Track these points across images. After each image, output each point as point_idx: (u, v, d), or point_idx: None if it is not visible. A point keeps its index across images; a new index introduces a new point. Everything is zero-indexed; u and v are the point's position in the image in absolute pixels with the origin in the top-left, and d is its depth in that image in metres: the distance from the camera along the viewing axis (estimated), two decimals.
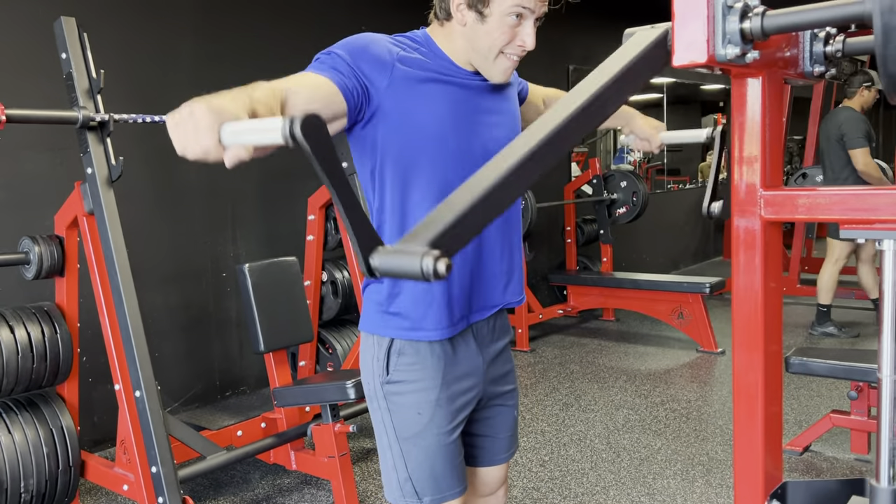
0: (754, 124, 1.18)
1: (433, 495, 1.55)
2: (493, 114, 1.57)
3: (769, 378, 1.23)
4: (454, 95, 1.49)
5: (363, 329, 1.59)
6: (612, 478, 3.07)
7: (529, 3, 1.43)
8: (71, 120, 2.53)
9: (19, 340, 2.63)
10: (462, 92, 1.50)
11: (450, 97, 1.48)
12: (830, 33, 1.20)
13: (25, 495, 2.61)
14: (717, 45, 1.03)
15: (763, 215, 1.19)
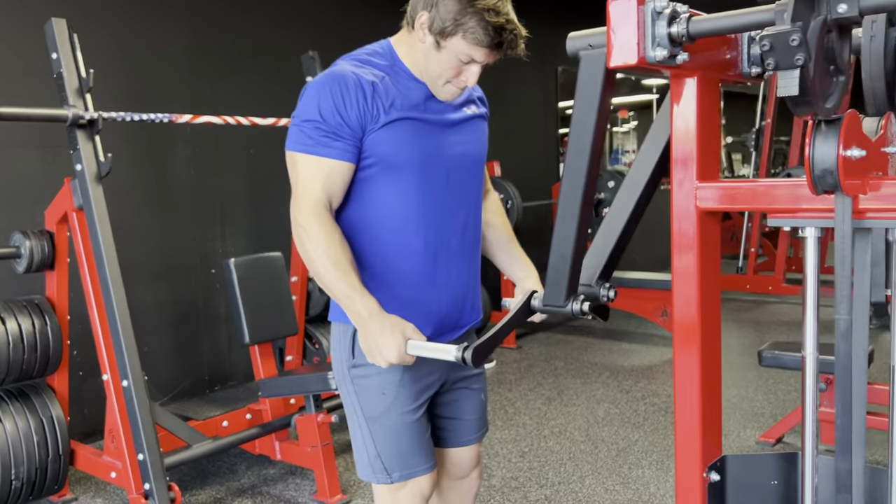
0: (690, 121, 1.27)
1: (401, 471, 1.64)
2: (456, 130, 1.65)
3: (706, 354, 1.33)
4: (417, 116, 1.57)
5: (332, 319, 1.68)
6: (589, 468, 3.16)
7: (478, 58, 1.52)
8: (61, 118, 2.61)
9: (10, 332, 2.71)
10: (425, 112, 1.59)
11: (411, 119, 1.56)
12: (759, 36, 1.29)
13: (16, 482, 2.69)
14: (648, 48, 1.12)
15: (699, 205, 1.28)
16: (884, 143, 1.22)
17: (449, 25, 1.49)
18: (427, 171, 1.58)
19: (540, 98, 6.73)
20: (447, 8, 1.48)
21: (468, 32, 1.48)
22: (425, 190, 1.58)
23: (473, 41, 1.49)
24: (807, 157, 1.06)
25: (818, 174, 1.06)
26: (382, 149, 1.53)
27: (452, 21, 1.48)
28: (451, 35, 1.50)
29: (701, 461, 1.34)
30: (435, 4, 1.50)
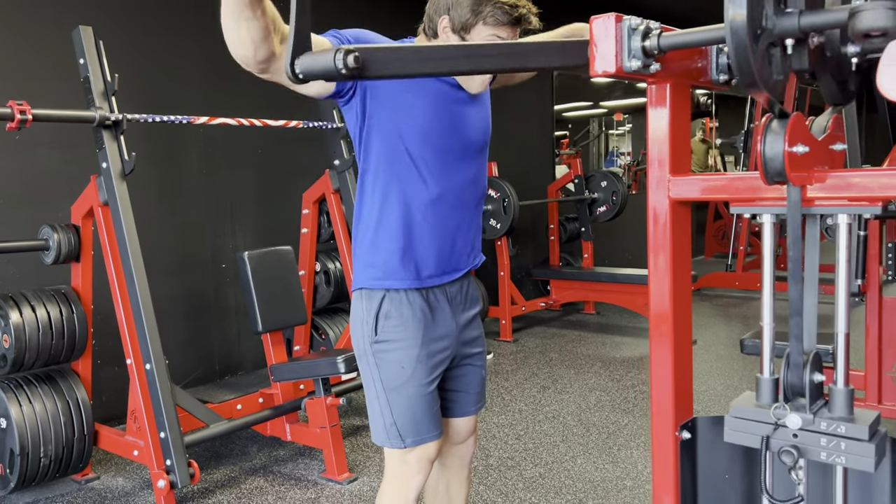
0: (664, 122, 1.46)
1: (414, 437, 1.82)
2: (471, 110, 1.85)
3: (678, 329, 1.51)
4: (440, 89, 1.77)
5: (355, 285, 1.86)
6: (581, 449, 3.35)
7: (503, 34, 1.72)
8: (88, 119, 2.80)
9: (40, 319, 2.90)
10: (446, 88, 1.78)
11: (435, 90, 1.76)
12: None
13: (45, 460, 2.87)
14: (624, 59, 1.31)
15: (671, 196, 1.47)
16: (831, 140, 1.41)
17: (469, 18, 1.69)
18: (445, 131, 1.77)
19: (535, 101, 6.92)
20: (463, 4, 1.69)
21: (488, 17, 1.68)
22: (443, 149, 1.77)
23: (494, 23, 1.69)
24: (758, 152, 1.25)
25: (768, 167, 1.25)
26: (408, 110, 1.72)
27: (471, 13, 1.69)
28: (473, 26, 1.70)
29: (673, 421, 1.53)
30: (451, 6, 1.70)
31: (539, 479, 3.04)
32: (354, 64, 1.08)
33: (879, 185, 1.25)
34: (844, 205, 1.31)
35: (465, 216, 1.88)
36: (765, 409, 1.36)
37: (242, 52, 1.48)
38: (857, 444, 1.28)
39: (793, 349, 1.37)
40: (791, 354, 1.37)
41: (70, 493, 3.06)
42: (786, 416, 1.33)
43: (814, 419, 1.32)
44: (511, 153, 6.33)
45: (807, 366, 1.35)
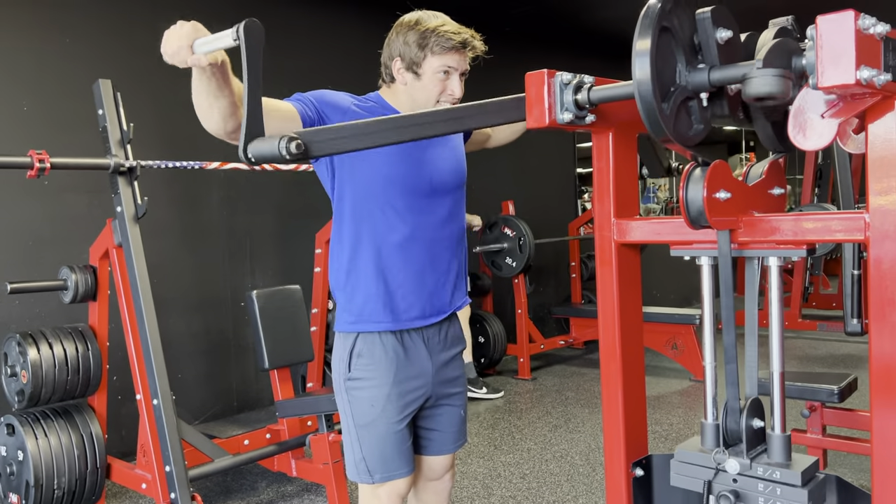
0: (607, 168, 1.53)
1: (382, 473, 1.88)
2: (439, 149, 1.94)
3: (627, 368, 1.56)
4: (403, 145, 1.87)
5: (336, 328, 1.95)
6: (584, 488, 3.35)
7: (452, 63, 1.83)
8: (104, 166, 2.97)
9: (56, 356, 3.05)
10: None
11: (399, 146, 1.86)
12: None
13: (58, 492, 2.99)
14: (557, 112, 1.38)
15: (615, 238, 1.53)
16: (768, 185, 1.46)
17: (417, 53, 1.82)
18: (411, 173, 1.86)
19: (555, 138, 7.01)
20: (410, 43, 1.82)
21: (434, 46, 1.81)
22: (411, 189, 1.86)
23: (441, 51, 1.80)
24: (681, 198, 1.30)
25: (690, 212, 1.30)
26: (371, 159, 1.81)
27: (418, 47, 1.81)
28: (423, 59, 1.82)
29: (625, 459, 1.56)
30: (400, 49, 1.83)
31: None
32: (297, 150, 1.19)
33: (803, 229, 1.29)
34: (773, 248, 1.35)
35: (441, 257, 1.95)
36: (707, 453, 1.40)
37: (213, 125, 1.60)
38: (792, 489, 1.31)
39: (729, 395, 1.40)
40: (728, 401, 1.40)
41: None
42: (725, 461, 1.36)
43: (751, 465, 1.35)
44: (530, 191, 6.41)
45: (743, 412, 1.39)
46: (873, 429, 1.23)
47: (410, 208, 1.88)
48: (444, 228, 1.95)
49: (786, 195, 1.49)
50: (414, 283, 1.90)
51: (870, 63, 1.07)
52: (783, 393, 1.38)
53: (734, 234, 1.37)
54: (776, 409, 1.37)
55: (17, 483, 3.01)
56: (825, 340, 6.39)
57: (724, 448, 1.38)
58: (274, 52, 4.76)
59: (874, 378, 1.20)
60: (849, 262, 2.87)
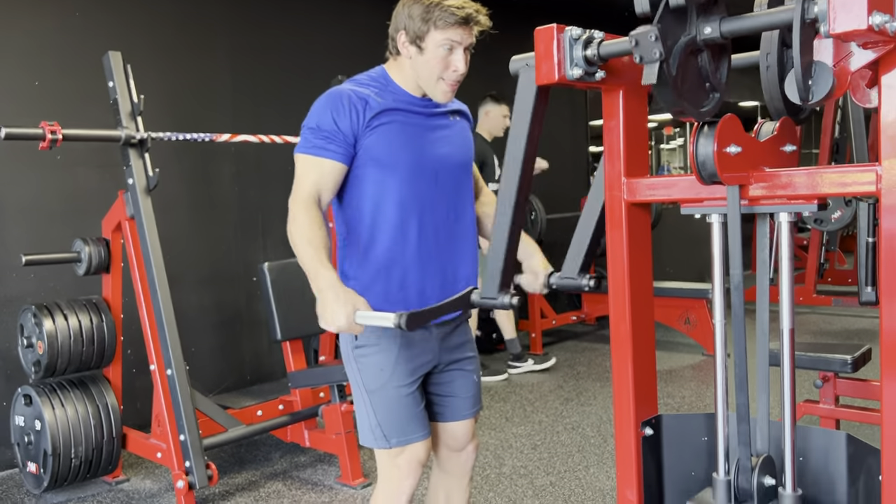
0: (617, 126, 1.52)
1: (399, 437, 1.89)
2: (443, 139, 1.93)
3: (637, 327, 1.56)
4: (408, 128, 1.86)
5: None
6: (595, 458, 3.36)
7: (456, 38, 1.81)
8: (115, 138, 2.98)
9: (72, 327, 3.08)
10: (416, 124, 1.88)
11: (404, 130, 1.85)
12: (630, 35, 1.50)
13: (75, 461, 3.04)
14: (567, 68, 1.37)
15: (625, 198, 1.52)
16: (779, 142, 1.44)
17: (421, 26, 1.79)
18: (416, 167, 1.85)
19: (569, 114, 6.96)
20: (414, 16, 1.80)
21: (438, 20, 1.78)
22: (415, 184, 1.85)
23: (444, 25, 1.78)
24: (691, 153, 1.29)
25: (701, 167, 1.29)
26: (376, 150, 1.81)
27: (422, 21, 1.79)
28: (426, 33, 1.80)
29: (635, 418, 1.57)
30: (405, 22, 1.81)
31: (549, 488, 3.07)
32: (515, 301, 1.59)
33: (814, 182, 1.28)
34: (784, 203, 1.34)
35: (452, 249, 1.94)
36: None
37: None
38: None
39: (741, 454, 1.39)
40: (739, 459, 1.39)
41: (100, 493, 3.21)
42: None
43: None
44: None
45: (755, 470, 1.37)
46: (883, 397, 1.22)
47: (416, 198, 1.86)
48: (453, 221, 1.93)
49: (798, 152, 1.47)
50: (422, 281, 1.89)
51: (882, 9, 1.05)
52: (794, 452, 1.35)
53: (745, 190, 1.35)
54: (787, 467, 1.34)
55: (35, 452, 3.06)
56: (840, 315, 6.35)
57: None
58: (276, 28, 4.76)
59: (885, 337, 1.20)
60: (863, 230, 2.84)
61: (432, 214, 1.89)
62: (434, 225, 1.89)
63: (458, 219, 1.96)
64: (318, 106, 1.83)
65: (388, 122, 1.83)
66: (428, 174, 1.88)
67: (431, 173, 1.89)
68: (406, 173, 1.84)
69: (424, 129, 1.90)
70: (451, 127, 1.96)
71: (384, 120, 1.83)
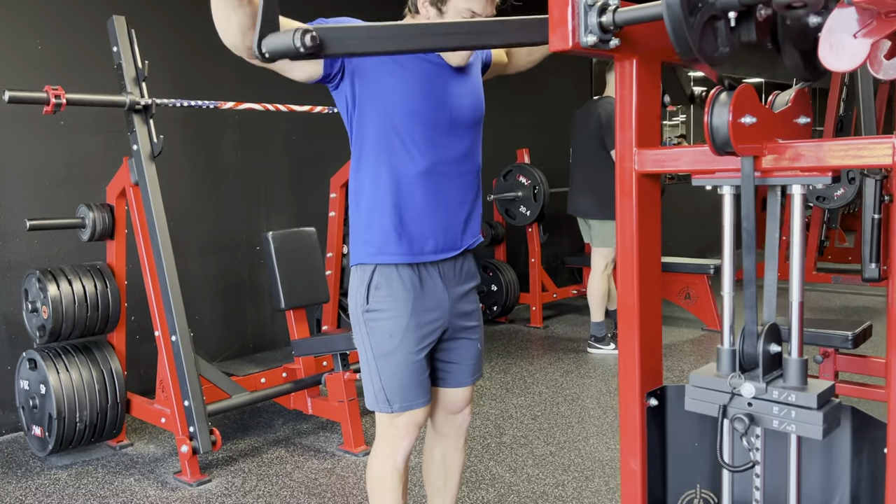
0: (630, 96, 1.51)
1: (401, 402, 1.91)
2: (459, 86, 1.92)
3: (644, 299, 1.56)
4: (424, 70, 1.84)
5: (351, 262, 1.96)
6: (595, 430, 3.39)
7: (477, 8, 1.78)
8: (119, 103, 2.96)
9: (76, 293, 3.09)
10: (431, 67, 1.86)
11: (420, 71, 1.84)
12: None
13: (80, 425, 3.06)
14: (581, 35, 1.36)
15: (637, 168, 1.51)
16: (794, 114, 1.43)
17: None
18: (432, 108, 1.83)
19: (573, 89, 6.91)
20: None
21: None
22: (431, 124, 1.84)
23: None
24: (706, 122, 1.28)
25: (715, 137, 1.28)
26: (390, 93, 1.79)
27: None
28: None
29: (640, 388, 1.57)
30: None
31: (549, 457, 3.10)
32: (311, 43, 1.17)
33: (829, 154, 1.27)
34: (797, 175, 1.34)
35: (458, 192, 1.94)
36: (723, 378, 1.40)
37: (231, 39, 1.58)
38: (807, 412, 1.31)
39: (748, 319, 1.40)
40: (746, 325, 1.40)
41: (105, 457, 3.24)
42: (741, 386, 1.36)
43: (767, 388, 1.36)
44: (546, 140, 6.34)
45: (761, 336, 1.38)
46: (889, 373, 1.22)
47: (429, 142, 1.86)
48: (462, 165, 1.94)
49: (811, 124, 1.46)
50: (429, 216, 1.89)
51: None
52: (801, 320, 1.37)
53: (758, 162, 1.35)
54: (794, 335, 1.36)
55: (39, 416, 3.08)
56: (839, 293, 6.36)
57: (740, 373, 1.38)
58: None
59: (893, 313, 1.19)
60: (869, 207, 2.83)
61: (446, 153, 1.88)
62: (447, 163, 1.89)
63: (469, 157, 1.95)
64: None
65: (403, 65, 1.81)
66: (443, 114, 1.87)
67: (446, 113, 1.87)
68: (421, 124, 1.83)
69: (443, 82, 1.87)
70: (467, 78, 1.94)
71: (399, 62, 1.81)
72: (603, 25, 1.35)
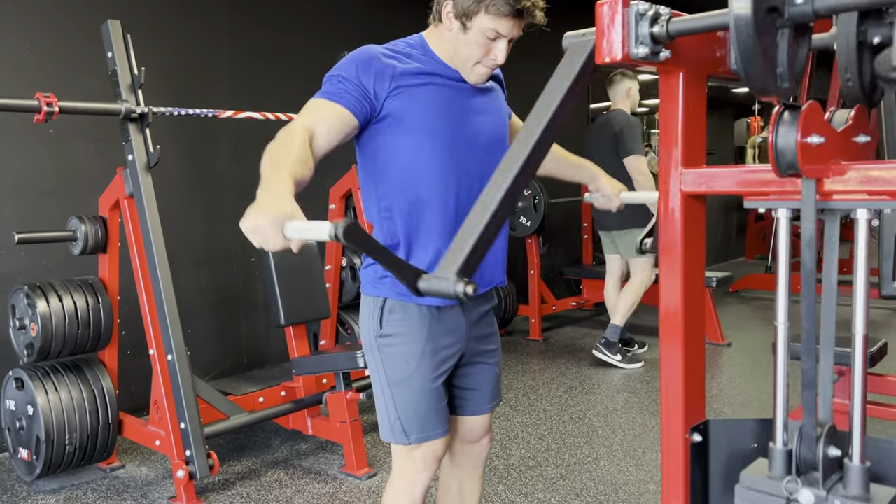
0: (676, 112, 1.41)
1: (419, 433, 1.79)
2: (480, 108, 1.81)
3: (689, 328, 1.46)
4: (445, 94, 1.74)
5: (363, 292, 1.84)
6: (605, 450, 3.29)
7: (503, 30, 1.67)
8: (114, 112, 2.83)
9: (67, 309, 2.95)
10: (452, 91, 1.75)
11: (441, 96, 1.73)
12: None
13: (69, 447, 2.92)
14: (631, 46, 1.26)
15: (682, 189, 1.42)
16: (853, 132, 1.34)
17: (472, 5, 1.65)
18: (454, 132, 1.73)
19: None
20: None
21: (490, 6, 1.63)
22: (453, 153, 1.73)
23: (496, 13, 1.64)
24: (770, 142, 1.19)
25: (780, 158, 1.19)
26: (409, 115, 1.68)
27: (474, 0, 1.64)
28: (475, 14, 1.65)
29: (683, 424, 1.47)
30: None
31: (560, 480, 2.99)
32: (472, 292, 1.14)
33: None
34: (863, 199, 1.24)
35: None
36: (777, 481, 1.29)
37: None
38: None
39: (806, 422, 1.29)
40: (804, 427, 1.29)
41: (95, 480, 3.10)
42: (798, 492, 1.25)
43: (827, 497, 1.24)
44: None
45: (820, 440, 1.27)
46: None
47: (450, 173, 1.75)
48: None
49: (874, 144, 1.37)
50: None
51: None
52: (864, 421, 1.25)
53: (820, 184, 1.25)
54: (856, 439, 1.25)
55: (26, 438, 2.94)
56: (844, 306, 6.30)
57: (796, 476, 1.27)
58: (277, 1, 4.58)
59: None
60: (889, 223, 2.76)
61: (468, 189, 1.77)
62: (472, 193, 1.78)
63: None
64: (345, 59, 1.70)
65: (422, 85, 1.70)
66: (466, 143, 1.76)
67: (469, 142, 1.77)
68: (443, 141, 1.72)
69: (464, 105, 1.77)
70: (488, 101, 1.84)
71: (418, 82, 1.70)
72: (655, 36, 1.25)
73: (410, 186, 1.73)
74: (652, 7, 1.26)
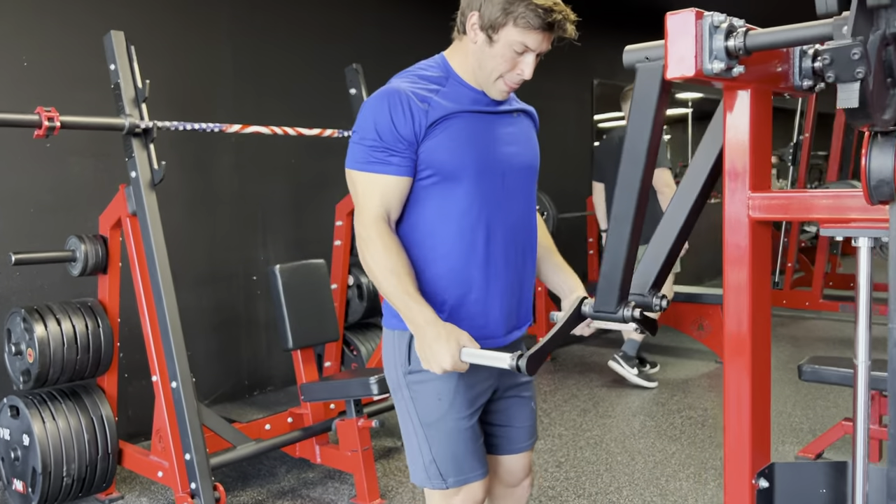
0: (743, 132, 1.30)
1: (456, 476, 1.66)
2: (507, 131, 1.70)
3: (756, 362, 1.34)
4: (472, 124, 1.63)
5: (386, 325, 1.72)
6: (626, 479, 3.16)
7: (532, 44, 1.57)
8: (118, 127, 2.70)
9: (65, 333, 2.81)
10: (479, 119, 1.64)
11: (468, 127, 1.62)
12: (819, 50, 1.30)
13: (67, 479, 2.77)
14: (705, 61, 1.15)
15: (751, 215, 1.30)
16: None
17: (499, 16, 1.54)
18: (483, 173, 1.62)
19: (575, 110, 6.76)
20: (495, 1, 1.54)
21: (519, 18, 1.53)
22: (482, 193, 1.62)
23: (525, 26, 1.54)
24: (863, 167, 1.08)
25: (874, 184, 1.08)
26: (438, 152, 1.58)
27: (501, 11, 1.54)
28: (503, 26, 1.55)
29: (750, 468, 1.36)
30: (482, 2, 1.56)
31: None
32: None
33: None
34: None
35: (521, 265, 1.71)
36: None
37: None
38: None
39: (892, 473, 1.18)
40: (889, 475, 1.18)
41: None
42: None
43: None
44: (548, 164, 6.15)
45: None
46: None
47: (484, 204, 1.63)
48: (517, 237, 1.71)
49: None
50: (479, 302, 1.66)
51: None
52: None
53: None
54: None
55: (22, 469, 2.79)
56: (848, 322, 6.22)
57: None
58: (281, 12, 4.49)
59: None
60: None
61: (502, 223, 1.66)
62: (503, 235, 1.66)
63: (527, 228, 1.73)
64: (374, 108, 1.57)
65: (451, 122, 1.60)
66: (495, 176, 1.65)
67: (499, 175, 1.66)
68: (472, 175, 1.61)
69: (489, 126, 1.67)
70: (515, 124, 1.73)
71: (447, 121, 1.60)
72: (730, 50, 1.15)
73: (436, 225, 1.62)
74: (726, 18, 1.15)
